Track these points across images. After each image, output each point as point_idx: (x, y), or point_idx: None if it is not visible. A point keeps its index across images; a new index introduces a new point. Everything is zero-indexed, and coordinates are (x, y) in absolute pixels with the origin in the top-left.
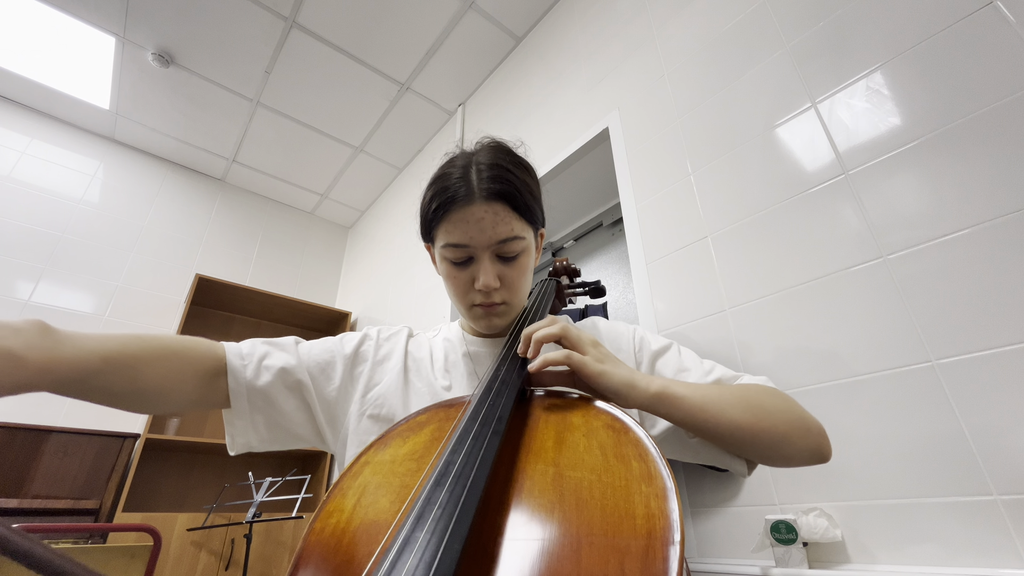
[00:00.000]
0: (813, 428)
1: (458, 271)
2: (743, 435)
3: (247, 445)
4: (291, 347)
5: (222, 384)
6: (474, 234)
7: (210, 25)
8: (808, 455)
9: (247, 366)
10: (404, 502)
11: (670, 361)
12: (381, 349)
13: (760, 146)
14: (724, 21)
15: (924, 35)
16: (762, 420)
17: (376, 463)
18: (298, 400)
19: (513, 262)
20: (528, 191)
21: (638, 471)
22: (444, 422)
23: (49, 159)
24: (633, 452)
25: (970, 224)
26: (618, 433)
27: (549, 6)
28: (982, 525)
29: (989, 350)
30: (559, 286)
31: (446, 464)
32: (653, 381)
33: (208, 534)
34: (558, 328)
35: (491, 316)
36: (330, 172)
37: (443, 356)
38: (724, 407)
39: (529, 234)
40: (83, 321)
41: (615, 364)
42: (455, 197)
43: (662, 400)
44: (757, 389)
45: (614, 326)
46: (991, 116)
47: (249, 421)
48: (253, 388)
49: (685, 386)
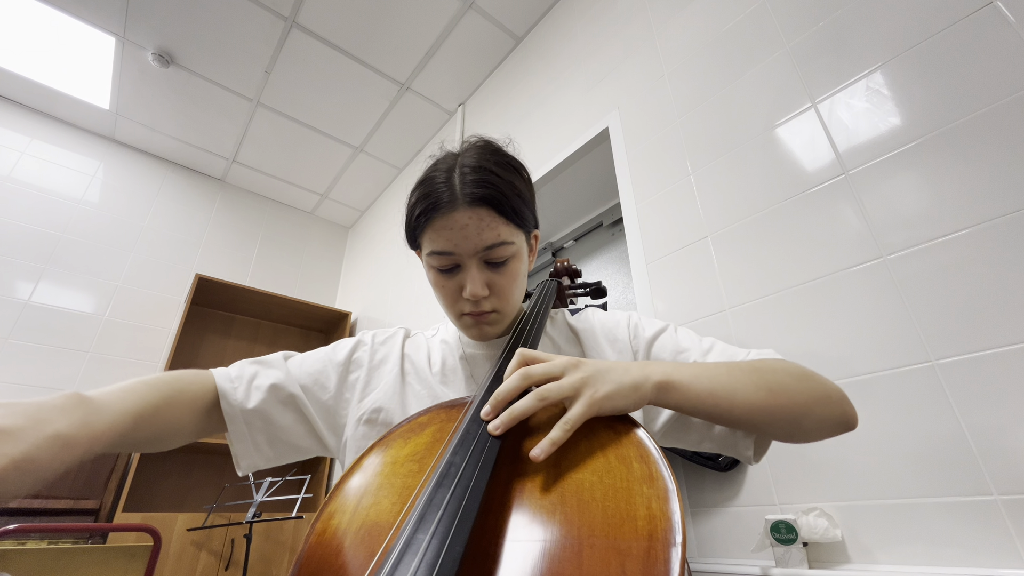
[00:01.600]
0: (834, 395)
1: (445, 279)
2: (760, 416)
3: (253, 466)
4: (279, 363)
5: (218, 414)
6: (459, 241)
7: (210, 25)
8: (832, 425)
9: (237, 388)
10: (405, 503)
11: (667, 343)
12: (377, 354)
13: (760, 146)
14: (724, 21)
15: (924, 35)
16: (778, 396)
17: (378, 464)
18: (294, 414)
19: (502, 268)
20: (516, 193)
21: (639, 472)
22: (445, 423)
23: (49, 159)
24: (635, 453)
25: (970, 224)
26: (619, 433)
27: (549, 6)
28: (982, 525)
29: (989, 350)
30: (560, 287)
31: (447, 465)
32: (652, 371)
33: (208, 534)
34: (534, 400)
35: (482, 325)
36: (330, 172)
37: (440, 359)
38: (735, 388)
39: (519, 238)
40: (82, 321)
41: (604, 376)
42: (438, 203)
43: (666, 390)
44: (767, 363)
45: (609, 316)
46: (991, 116)
47: (250, 442)
48: (246, 410)
49: (688, 371)
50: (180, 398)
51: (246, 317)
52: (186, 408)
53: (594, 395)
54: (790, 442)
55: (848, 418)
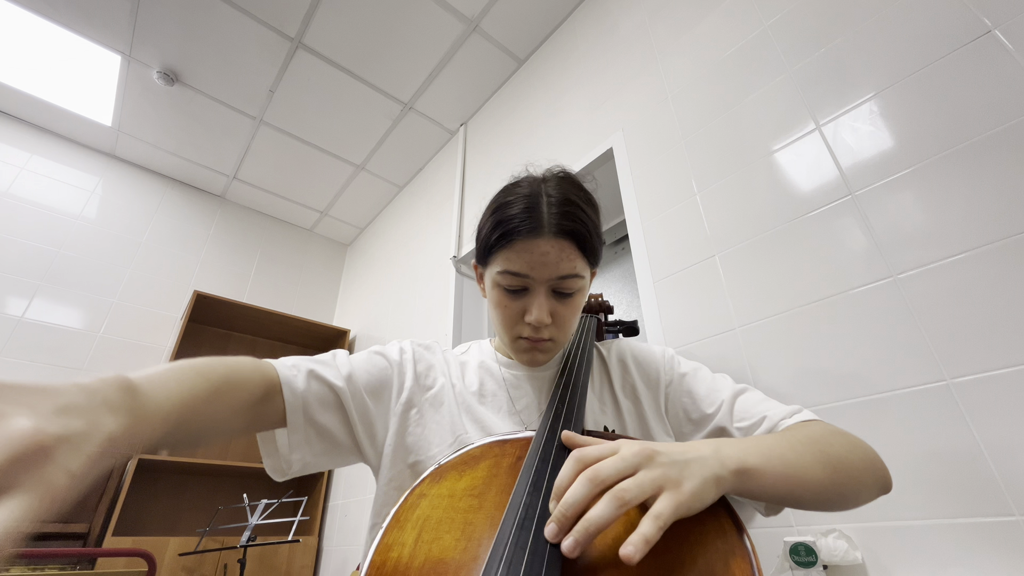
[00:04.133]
0: (877, 462)
1: (510, 300)
2: (827, 494)
3: (302, 461)
4: (331, 360)
5: (276, 403)
6: (536, 267)
7: (216, 44)
8: (877, 492)
9: (297, 376)
10: (470, 539)
11: (702, 379)
12: (419, 364)
13: (766, 166)
14: (726, 47)
15: (924, 62)
16: (840, 471)
17: (433, 496)
18: (341, 413)
19: (568, 299)
20: (596, 232)
21: (721, 549)
22: (499, 458)
23: (48, 175)
24: (723, 547)
25: (977, 244)
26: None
27: (552, 29)
28: (1004, 546)
29: (1004, 368)
30: (599, 323)
31: (526, 508)
32: (725, 455)
33: (201, 559)
34: (613, 507)
35: (535, 351)
36: (331, 190)
37: (478, 380)
38: (805, 468)
39: (588, 274)
40: (76, 338)
41: (686, 469)
42: (523, 227)
43: (744, 477)
44: (820, 433)
45: (644, 346)
46: (994, 140)
47: (303, 435)
48: (307, 400)
49: (756, 450)
50: (233, 389)
51: (243, 334)
52: (238, 399)
53: (681, 493)
54: (836, 511)
55: (887, 482)
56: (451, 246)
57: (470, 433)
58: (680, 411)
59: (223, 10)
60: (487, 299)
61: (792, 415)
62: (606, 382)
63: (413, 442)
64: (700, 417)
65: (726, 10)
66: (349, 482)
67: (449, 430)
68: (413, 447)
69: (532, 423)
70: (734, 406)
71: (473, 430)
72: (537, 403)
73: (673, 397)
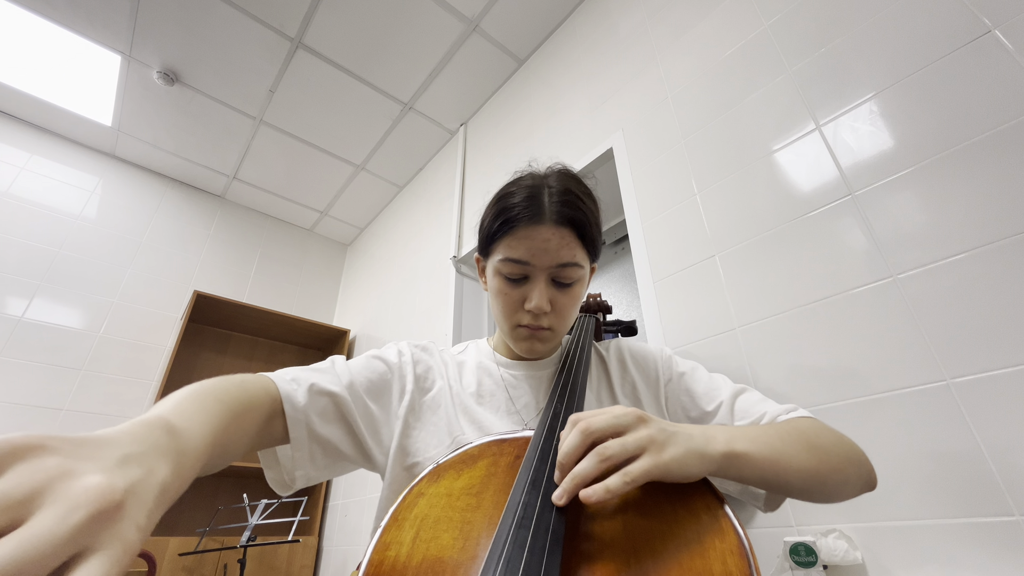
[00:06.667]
0: (863, 458)
1: (510, 288)
2: (812, 482)
3: (306, 477)
4: (330, 369)
5: (279, 420)
6: (537, 253)
7: (217, 45)
8: (861, 487)
9: (298, 391)
10: (468, 538)
11: (701, 376)
12: (418, 367)
13: (766, 166)
14: (726, 47)
15: (924, 62)
16: (824, 462)
17: (431, 495)
18: (344, 423)
19: (567, 289)
20: (596, 223)
21: (709, 525)
22: (498, 457)
23: (48, 175)
24: (701, 504)
25: (977, 244)
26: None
27: (552, 30)
28: (1004, 546)
29: (1004, 368)
30: (597, 323)
31: (524, 507)
32: (714, 436)
33: (200, 559)
34: (595, 461)
35: (534, 340)
36: (331, 190)
37: (475, 380)
38: (791, 455)
39: (587, 265)
40: (76, 338)
41: (673, 438)
42: (524, 214)
43: (731, 460)
44: (808, 426)
45: (641, 346)
46: (993, 139)
47: (307, 451)
48: (309, 415)
49: (745, 436)
50: (247, 411)
51: (243, 334)
52: (252, 420)
53: (660, 456)
54: (821, 502)
55: (872, 479)
56: (451, 246)
57: (467, 434)
58: (679, 409)
59: (223, 10)
60: (488, 290)
61: (788, 412)
62: (605, 381)
63: (411, 444)
64: (699, 415)
65: (726, 10)
66: (349, 482)
67: (446, 431)
68: (411, 449)
69: (531, 422)
70: (734, 405)
71: (470, 430)
72: (536, 402)
73: (672, 395)
